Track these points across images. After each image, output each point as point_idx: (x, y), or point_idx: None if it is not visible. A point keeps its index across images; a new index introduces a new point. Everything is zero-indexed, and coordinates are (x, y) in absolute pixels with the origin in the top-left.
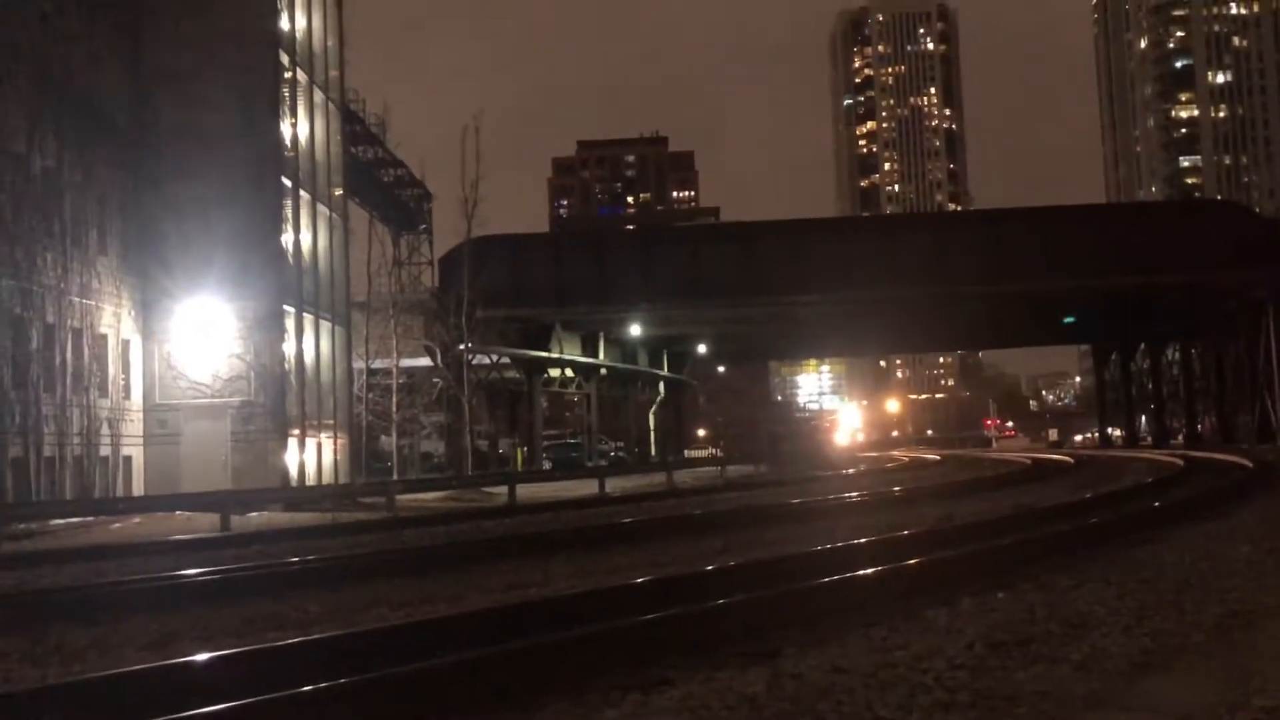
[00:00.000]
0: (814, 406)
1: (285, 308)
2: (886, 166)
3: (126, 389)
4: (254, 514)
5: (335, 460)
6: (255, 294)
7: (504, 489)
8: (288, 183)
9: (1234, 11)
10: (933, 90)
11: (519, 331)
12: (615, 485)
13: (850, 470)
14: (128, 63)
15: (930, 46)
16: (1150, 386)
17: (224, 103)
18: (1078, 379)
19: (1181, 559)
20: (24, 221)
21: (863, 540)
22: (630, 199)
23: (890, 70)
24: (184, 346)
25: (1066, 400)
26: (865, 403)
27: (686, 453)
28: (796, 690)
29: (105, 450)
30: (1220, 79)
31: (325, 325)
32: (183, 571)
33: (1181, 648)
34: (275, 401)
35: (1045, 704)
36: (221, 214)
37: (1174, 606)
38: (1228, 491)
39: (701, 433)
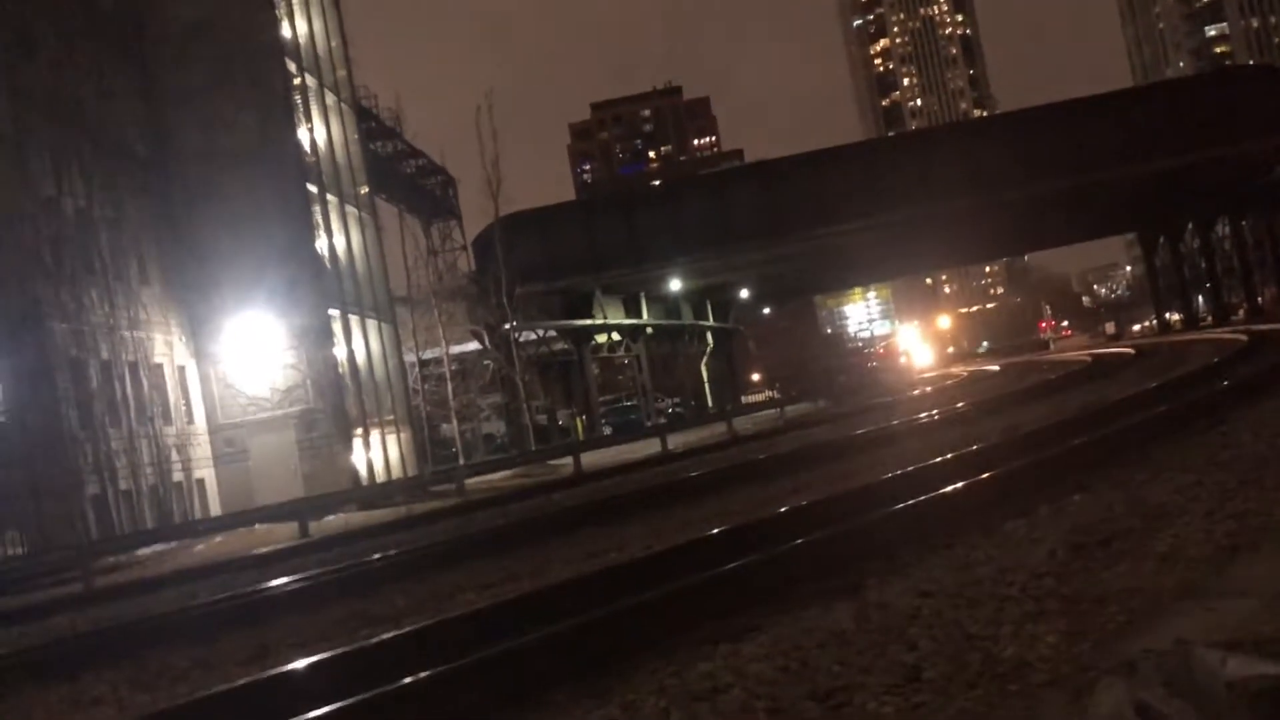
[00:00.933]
0: (865, 334)
1: (330, 312)
2: (905, 82)
3: (189, 414)
4: (330, 517)
5: (401, 454)
6: (299, 304)
7: (568, 459)
8: (313, 189)
9: None
10: None
11: (561, 303)
12: (677, 441)
13: (909, 393)
14: (140, 92)
15: None
16: (1203, 265)
17: (239, 119)
18: (1128, 268)
19: (1257, 436)
20: (65, 264)
21: (932, 461)
22: (651, 154)
23: None
24: (238, 364)
25: (1119, 291)
26: (917, 322)
27: (743, 399)
28: (884, 619)
29: (178, 476)
30: None
31: (372, 324)
32: (270, 583)
33: (1267, 526)
34: (335, 405)
35: (1134, 600)
36: (254, 229)
37: (1255, 485)
38: None
39: (756, 377)
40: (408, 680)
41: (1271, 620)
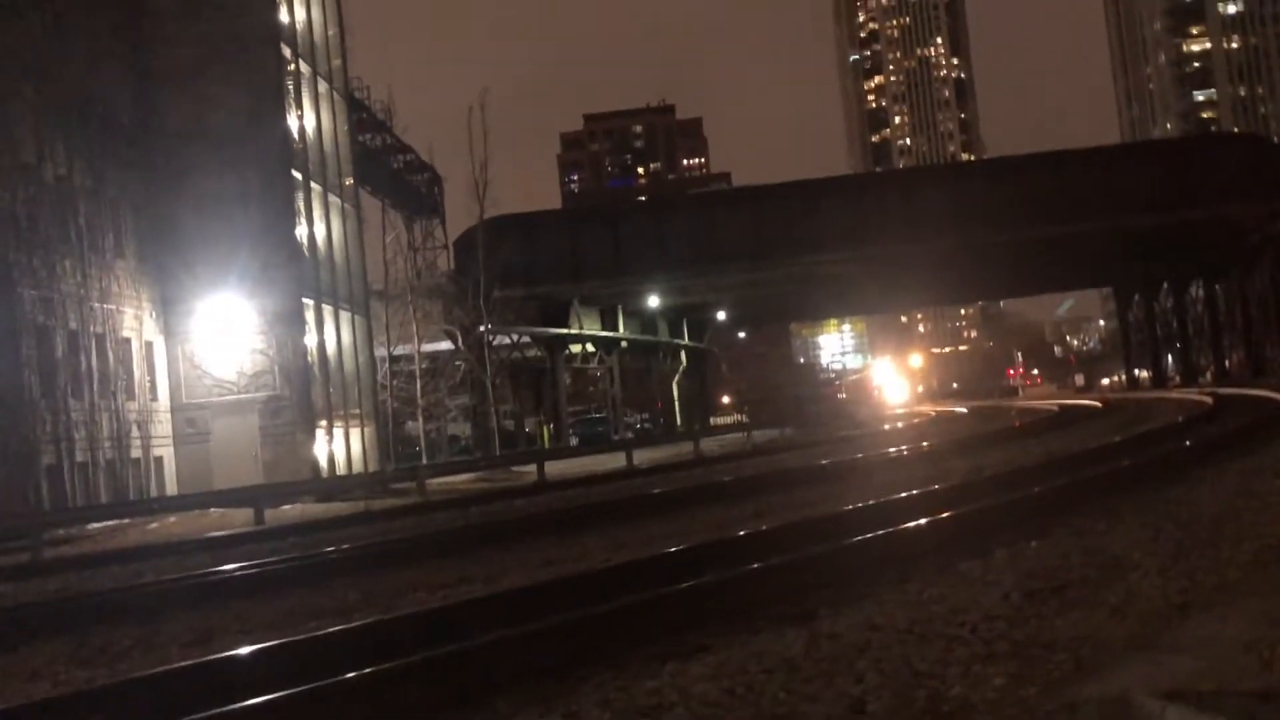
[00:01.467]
0: (837, 366)
1: (304, 300)
2: (897, 120)
3: (153, 390)
4: (287, 507)
5: (364, 448)
6: (274, 289)
7: (532, 467)
8: (298, 176)
9: None
10: (939, 40)
11: (538, 310)
12: (643, 457)
13: (878, 428)
14: (130, 65)
15: None
16: (1175, 325)
17: (229, 100)
18: (1102, 322)
19: (1216, 496)
20: (40, 231)
21: (893, 497)
22: (640, 170)
23: (895, 23)
24: (207, 345)
25: (1091, 344)
26: (890, 359)
27: (712, 420)
28: (834, 650)
29: (136, 452)
30: (1231, 9)
31: (345, 315)
32: (220, 568)
33: (1220, 586)
34: (301, 394)
35: (1084, 649)
36: (235, 211)
37: (1210, 545)
38: (1259, 427)
39: (726, 399)
40: (351, 675)
41: (1215, 677)
